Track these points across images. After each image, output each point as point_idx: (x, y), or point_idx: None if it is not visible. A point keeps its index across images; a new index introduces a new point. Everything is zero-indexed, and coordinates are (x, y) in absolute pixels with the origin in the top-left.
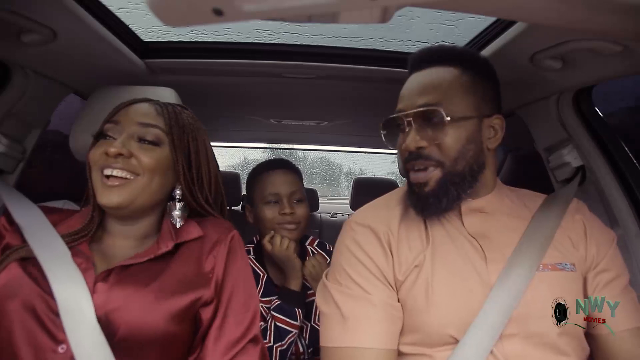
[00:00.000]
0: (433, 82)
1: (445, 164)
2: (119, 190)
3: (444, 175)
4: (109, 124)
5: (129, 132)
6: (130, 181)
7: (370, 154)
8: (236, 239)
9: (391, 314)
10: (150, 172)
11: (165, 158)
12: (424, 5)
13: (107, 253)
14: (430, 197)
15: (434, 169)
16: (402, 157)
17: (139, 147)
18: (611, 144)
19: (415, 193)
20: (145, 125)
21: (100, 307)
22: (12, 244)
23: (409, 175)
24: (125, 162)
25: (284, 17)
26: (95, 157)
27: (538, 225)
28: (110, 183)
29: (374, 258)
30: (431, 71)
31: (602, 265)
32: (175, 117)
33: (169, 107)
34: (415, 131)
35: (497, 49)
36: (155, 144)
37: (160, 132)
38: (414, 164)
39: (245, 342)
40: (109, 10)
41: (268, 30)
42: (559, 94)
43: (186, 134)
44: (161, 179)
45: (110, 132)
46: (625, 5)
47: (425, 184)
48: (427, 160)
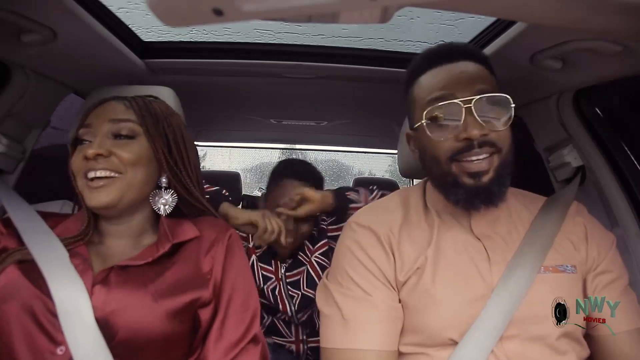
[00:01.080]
0: (479, 72)
1: (502, 152)
2: (105, 190)
3: (501, 163)
4: (82, 129)
5: (102, 132)
6: (115, 179)
7: (370, 154)
8: (234, 238)
9: (392, 315)
10: (132, 166)
11: (145, 150)
12: (424, 5)
13: (104, 254)
14: (493, 185)
15: (494, 156)
16: (451, 148)
17: (115, 144)
18: (611, 144)
19: (464, 185)
20: (117, 121)
21: (99, 309)
22: (9, 247)
23: (460, 166)
24: (106, 161)
25: (284, 17)
26: (76, 164)
27: (539, 227)
28: (95, 184)
29: (375, 259)
30: (467, 64)
31: (602, 267)
32: (146, 107)
33: (137, 99)
34: (478, 118)
35: (497, 49)
36: (131, 137)
37: (134, 125)
38: (471, 153)
39: (245, 342)
40: (109, 10)
41: (268, 30)
42: (559, 94)
43: (160, 121)
44: (145, 172)
45: (85, 137)
46: (625, 5)
47: (486, 172)
48: (491, 147)
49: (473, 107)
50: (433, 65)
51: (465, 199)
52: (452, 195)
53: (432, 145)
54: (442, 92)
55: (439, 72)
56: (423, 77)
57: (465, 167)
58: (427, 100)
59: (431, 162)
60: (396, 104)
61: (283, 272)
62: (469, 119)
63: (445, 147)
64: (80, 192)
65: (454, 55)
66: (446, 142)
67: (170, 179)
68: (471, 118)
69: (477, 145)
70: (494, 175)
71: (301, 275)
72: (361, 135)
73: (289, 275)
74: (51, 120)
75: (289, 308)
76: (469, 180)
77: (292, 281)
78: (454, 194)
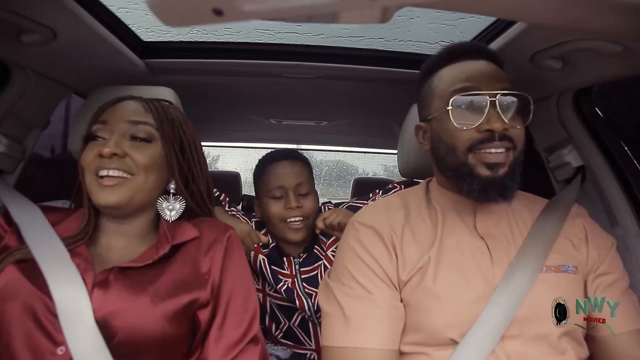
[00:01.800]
0: (500, 73)
1: (517, 148)
2: (115, 190)
3: (515, 159)
4: (97, 125)
5: (119, 131)
6: (126, 180)
7: (370, 154)
8: (233, 239)
9: (393, 314)
10: (145, 170)
11: (158, 154)
12: (424, 5)
13: (105, 253)
14: (507, 179)
15: (510, 152)
16: (471, 138)
17: (131, 145)
18: (611, 144)
19: (480, 176)
20: (135, 123)
21: (98, 310)
22: (10, 246)
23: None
24: (120, 161)
25: (284, 17)
26: (88, 159)
27: (541, 227)
28: (105, 183)
29: (377, 258)
30: (489, 64)
31: (602, 269)
32: (164, 112)
33: (155, 102)
34: (502, 113)
35: (497, 49)
36: (148, 140)
37: (151, 129)
38: (491, 144)
39: (245, 343)
40: (109, 10)
41: (268, 30)
42: (559, 94)
43: (176, 127)
44: (156, 177)
45: (99, 133)
46: (625, 5)
47: (502, 165)
48: (510, 142)
49: (497, 101)
50: (456, 59)
51: (480, 190)
52: (467, 186)
53: (450, 134)
54: (467, 83)
55: (463, 66)
56: (445, 70)
57: (483, 158)
58: (450, 91)
59: (446, 152)
60: (396, 104)
61: (297, 267)
62: (492, 112)
63: (466, 137)
64: (87, 189)
65: (477, 53)
66: (467, 132)
67: (179, 185)
68: (494, 111)
69: (497, 137)
70: (508, 169)
71: (318, 270)
72: (361, 135)
73: (304, 271)
74: (51, 120)
75: (306, 305)
76: (485, 172)
77: (309, 277)
78: (468, 184)
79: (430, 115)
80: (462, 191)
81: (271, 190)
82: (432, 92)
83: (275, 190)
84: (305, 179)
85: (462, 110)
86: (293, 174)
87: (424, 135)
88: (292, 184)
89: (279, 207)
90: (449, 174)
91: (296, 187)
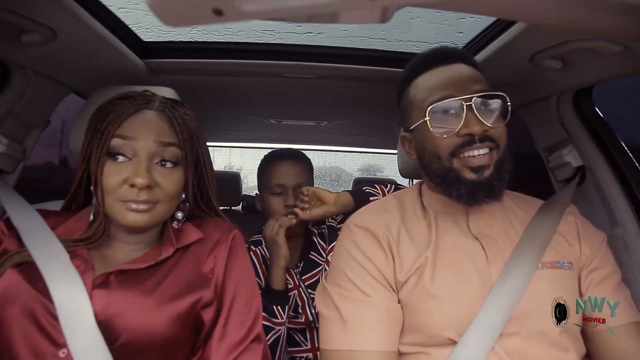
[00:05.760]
0: (474, 74)
1: (500, 147)
2: (143, 215)
3: (499, 159)
4: (118, 140)
5: (148, 153)
6: (153, 207)
7: (370, 154)
8: (237, 238)
9: (391, 316)
10: (171, 197)
11: (182, 177)
12: (424, 5)
13: (107, 256)
14: (494, 180)
15: (493, 152)
16: (452, 143)
17: (160, 172)
18: (611, 144)
19: (466, 180)
20: (163, 144)
21: (101, 312)
22: (9, 249)
23: (462, 161)
24: (150, 192)
25: (284, 17)
26: (113, 185)
27: (536, 226)
28: (133, 207)
29: (373, 260)
30: (462, 66)
31: (594, 264)
32: (185, 125)
33: (175, 113)
34: (479, 115)
35: (497, 49)
36: (176, 163)
37: (177, 150)
38: (472, 147)
39: (248, 342)
40: (109, 10)
41: (268, 30)
42: (559, 94)
43: (194, 142)
44: (178, 200)
45: (122, 151)
46: (625, 5)
47: (487, 166)
48: (491, 142)
49: (473, 104)
50: (429, 67)
51: (468, 193)
52: (455, 191)
53: (432, 142)
54: (443, 92)
55: (437, 74)
56: (420, 79)
57: (467, 162)
58: (428, 102)
59: (431, 160)
60: (396, 104)
61: (298, 277)
62: (469, 116)
63: (447, 143)
64: (107, 209)
65: (449, 58)
66: (447, 139)
67: (189, 199)
68: (472, 115)
69: (478, 140)
70: (494, 170)
71: (319, 276)
72: (361, 135)
73: (305, 279)
74: (51, 120)
75: (309, 313)
76: (471, 175)
77: (311, 283)
78: (456, 189)
79: (412, 125)
80: (452, 196)
81: (272, 186)
82: (410, 103)
83: (275, 187)
84: (305, 180)
85: (440, 118)
86: (294, 174)
87: (409, 145)
88: (292, 184)
89: (279, 204)
90: (437, 180)
91: (296, 186)
